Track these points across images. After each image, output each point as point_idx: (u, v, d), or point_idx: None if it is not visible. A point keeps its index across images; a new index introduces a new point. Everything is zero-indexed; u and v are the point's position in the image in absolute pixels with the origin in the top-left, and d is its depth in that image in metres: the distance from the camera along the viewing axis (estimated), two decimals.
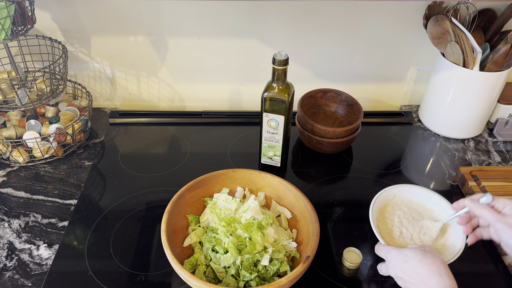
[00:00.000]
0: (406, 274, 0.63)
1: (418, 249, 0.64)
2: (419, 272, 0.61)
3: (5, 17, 0.85)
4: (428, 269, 0.61)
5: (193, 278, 0.64)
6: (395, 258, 0.66)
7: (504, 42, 0.97)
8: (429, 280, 0.60)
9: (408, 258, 0.64)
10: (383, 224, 0.80)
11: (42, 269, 0.77)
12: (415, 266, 0.62)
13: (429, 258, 0.62)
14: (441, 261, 0.62)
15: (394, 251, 0.67)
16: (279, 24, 1.07)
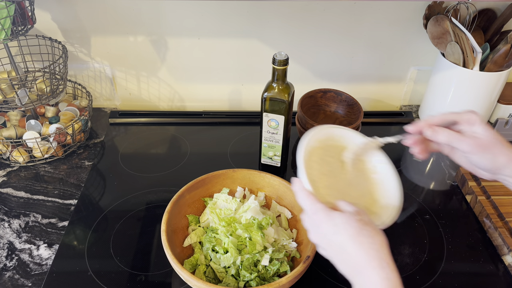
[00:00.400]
0: (333, 249, 0.52)
1: (353, 218, 0.51)
2: (352, 255, 0.49)
3: (5, 17, 0.85)
4: (364, 254, 0.48)
5: (193, 278, 0.64)
6: (323, 224, 0.52)
7: (504, 42, 0.97)
8: (366, 271, 0.48)
9: (338, 230, 0.51)
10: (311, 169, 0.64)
11: (42, 269, 0.77)
12: (347, 246, 0.50)
13: (366, 236, 0.50)
14: (380, 243, 0.49)
15: (322, 213, 0.53)
16: (279, 24, 1.07)
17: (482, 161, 0.57)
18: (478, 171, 0.60)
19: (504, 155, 0.55)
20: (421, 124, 0.60)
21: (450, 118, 0.59)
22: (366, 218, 0.52)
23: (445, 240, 0.84)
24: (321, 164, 0.64)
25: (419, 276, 0.78)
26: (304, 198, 0.55)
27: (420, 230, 0.86)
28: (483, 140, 0.56)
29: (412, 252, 0.82)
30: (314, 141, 0.64)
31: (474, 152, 0.56)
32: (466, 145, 0.57)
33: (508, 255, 0.80)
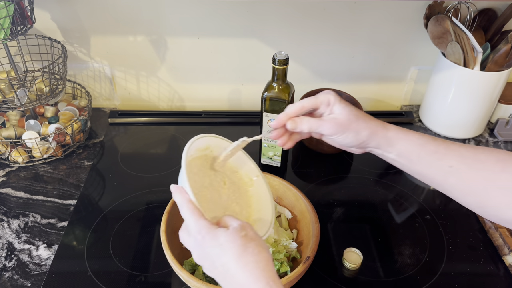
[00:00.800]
0: (218, 271, 0.49)
1: (237, 236, 0.48)
2: (236, 277, 0.46)
3: (4, 16, 0.85)
4: (249, 275, 0.46)
5: (192, 279, 0.64)
6: (207, 244, 0.49)
7: (505, 42, 0.97)
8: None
9: (222, 250, 0.48)
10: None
11: (42, 269, 0.76)
12: (231, 267, 0.47)
13: (251, 254, 0.47)
14: (266, 261, 0.47)
15: (206, 231, 0.49)
16: (279, 24, 1.07)
17: (347, 139, 0.57)
18: (349, 149, 0.61)
19: (365, 128, 0.56)
20: (282, 118, 0.59)
21: (308, 104, 0.59)
22: (251, 233, 0.50)
23: (445, 241, 0.84)
24: (201, 176, 0.62)
25: (419, 276, 0.77)
26: (189, 213, 0.51)
27: (420, 230, 0.86)
28: (342, 120, 0.57)
29: (412, 252, 0.81)
30: (194, 150, 0.61)
31: (336, 133, 0.57)
32: (327, 128, 0.57)
33: (509, 255, 0.80)
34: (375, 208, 0.91)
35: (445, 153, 0.54)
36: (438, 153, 0.55)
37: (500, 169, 0.51)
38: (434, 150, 0.55)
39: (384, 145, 0.57)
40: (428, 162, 0.55)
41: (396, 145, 0.57)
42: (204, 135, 0.63)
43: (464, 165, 0.53)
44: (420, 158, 0.56)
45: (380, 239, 0.84)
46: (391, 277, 0.77)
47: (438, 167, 0.55)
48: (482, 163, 0.52)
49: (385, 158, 0.60)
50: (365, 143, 0.58)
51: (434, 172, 0.55)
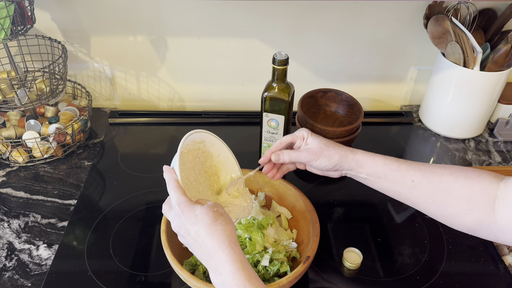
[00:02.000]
0: (191, 237, 0.57)
1: (210, 210, 0.57)
2: (205, 241, 0.55)
3: (5, 17, 0.85)
4: (216, 239, 0.54)
5: (193, 279, 0.64)
6: (184, 214, 0.57)
7: (505, 42, 0.97)
8: (216, 253, 0.54)
9: (197, 220, 0.56)
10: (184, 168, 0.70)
11: (42, 269, 0.77)
12: (202, 234, 0.55)
13: (219, 225, 0.55)
14: (230, 231, 0.56)
15: (185, 206, 0.58)
16: (279, 24, 1.07)
17: (322, 164, 0.68)
18: (328, 173, 0.71)
19: (335, 154, 0.67)
20: (266, 154, 0.72)
21: (286, 139, 0.72)
22: (221, 210, 0.59)
23: (445, 240, 0.84)
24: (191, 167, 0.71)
25: (419, 276, 0.77)
26: (173, 189, 0.60)
27: (420, 230, 0.86)
28: (315, 148, 0.68)
29: (412, 252, 0.82)
30: (191, 141, 0.70)
31: (312, 159, 0.68)
32: (304, 156, 0.69)
33: (509, 255, 0.80)
34: (375, 208, 0.91)
35: (406, 169, 0.63)
36: (400, 171, 0.64)
37: (454, 180, 0.59)
38: (397, 169, 0.64)
39: (355, 166, 0.67)
40: (393, 179, 0.64)
41: (364, 166, 0.66)
42: (202, 130, 0.71)
43: (424, 178, 0.62)
44: (386, 175, 0.65)
45: (380, 239, 0.84)
46: (391, 277, 0.77)
47: (402, 182, 0.63)
48: (438, 175, 0.61)
49: (359, 179, 0.69)
50: (338, 165, 0.68)
51: (399, 187, 0.64)
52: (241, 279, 0.52)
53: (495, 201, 0.56)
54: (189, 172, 0.70)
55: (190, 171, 0.70)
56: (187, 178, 0.69)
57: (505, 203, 0.55)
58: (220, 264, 0.53)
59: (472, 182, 0.58)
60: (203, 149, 0.73)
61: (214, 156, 0.75)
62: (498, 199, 0.55)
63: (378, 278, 0.77)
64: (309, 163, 0.69)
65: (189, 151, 0.71)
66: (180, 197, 0.59)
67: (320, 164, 0.68)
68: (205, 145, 0.73)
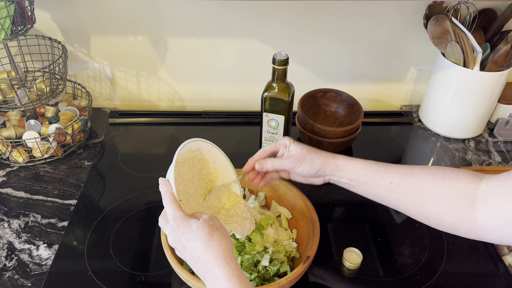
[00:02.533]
0: (187, 252, 0.57)
1: (206, 225, 0.57)
2: (202, 256, 0.55)
3: (5, 17, 0.85)
4: (212, 255, 0.55)
5: (193, 279, 0.64)
6: (180, 230, 0.57)
7: (505, 42, 0.97)
8: (213, 268, 0.54)
9: (193, 235, 0.56)
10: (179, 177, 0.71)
11: (42, 269, 0.77)
12: (198, 249, 0.56)
13: (215, 240, 0.56)
14: (226, 245, 0.56)
15: (181, 221, 0.58)
16: (279, 24, 1.07)
17: (305, 169, 0.69)
18: (311, 180, 0.72)
19: (317, 159, 0.68)
20: (250, 162, 0.72)
21: (269, 148, 0.73)
22: (217, 224, 0.59)
23: (445, 240, 0.84)
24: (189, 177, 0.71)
25: (419, 276, 0.77)
26: (169, 203, 0.60)
27: (420, 230, 0.86)
28: (297, 155, 0.69)
29: (412, 252, 0.82)
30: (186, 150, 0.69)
31: (295, 166, 0.69)
32: (287, 163, 0.69)
33: (508, 255, 0.80)
34: (375, 208, 0.91)
35: (385, 172, 0.64)
36: (379, 173, 0.65)
37: (431, 180, 0.60)
38: (376, 171, 0.65)
39: (336, 171, 0.68)
40: (373, 181, 0.65)
41: (345, 171, 0.67)
42: (197, 139, 0.70)
43: (402, 180, 0.62)
44: (366, 179, 0.65)
45: (380, 239, 0.84)
46: (391, 277, 0.77)
47: (381, 185, 0.64)
48: (416, 177, 0.62)
49: (341, 184, 0.70)
50: (321, 171, 0.68)
51: (379, 190, 0.65)
52: None
53: (475, 200, 0.56)
54: (187, 185, 0.70)
55: (188, 183, 0.70)
56: (185, 191, 0.69)
57: (487, 202, 0.55)
58: (217, 280, 0.54)
59: (450, 182, 0.59)
60: (199, 157, 0.74)
61: (210, 163, 0.75)
62: (478, 198, 0.56)
63: (378, 278, 0.77)
64: (292, 169, 0.70)
65: (184, 161, 0.71)
66: (175, 212, 0.59)
67: (303, 170, 0.69)
68: (201, 152, 0.73)
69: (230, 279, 0.53)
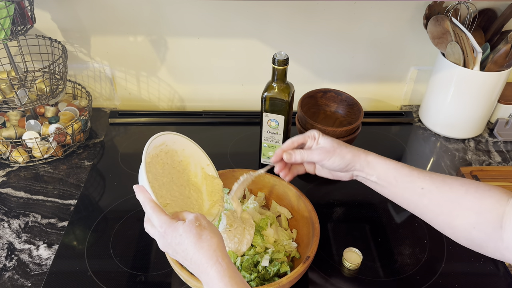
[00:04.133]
0: (180, 256, 0.58)
1: (193, 226, 0.57)
2: (194, 258, 0.56)
3: (5, 17, 0.85)
4: (204, 256, 0.55)
5: (193, 279, 0.64)
6: (168, 235, 0.58)
7: (505, 42, 0.97)
8: (206, 269, 0.55)
9: (182, 240, 0.57)
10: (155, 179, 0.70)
11: (42, 269, 0.77)
12: (190, 252, 0.56)
13: (205, 240, 0.56)
14: (217, 244, 0.56)
15: (168, 226, 0.58)
16: (279, 24, 1.07)
17: (335, 163, 0.66)
18: (338, 175, 0.70)
19: (348, 152, 0.66)
20: (278, 152, 0.70)
21: (297, 139, 0.70)
22: (204, 223, 0.59)
23: (445, 240, 0.84)
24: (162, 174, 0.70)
25: (419, 276, 0.77)
26: (151, 211, 0.60)
27: (420, 230, 0.86)
28: (327, 147, 0.67)
29: (412, 252, 0.82)
30: (152, 148, 0.68)
31: (324, 158, 0.67)
32: (316, 155, 0.67)
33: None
34: (375, 208, 0.91)
35: (417, 176, 0.62)
36: (411, 176, 0.62)
37: (464, 191, 0.58)
38: (408, 174, 0.63)
39: (366, 168, 0.66)
40: (403, 184, 0.63)
41: (376, 168, 0.65)
42: (160, 133, 0.70)
43: (434, 187, 0.60)
44: (396, 180, 0.63)
45: (380, 239, 0.84)
46: (391, 277, 0.77)
47: (412, 188, 0.62)
48: (449, 185, 0.59)
49: (369, 183, 0.68)
50: (351, 165, 0.66)
51: (409, 194, 0.63)
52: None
53: (503, 217, 0.54)
54: (170, 187, 0.69)
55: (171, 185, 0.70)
56: (171, 194, 0.69)
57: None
58: (210, 280, 0.55)
59: (482, 195, 0.57)
60: (165, 150, 0.73)
61: (178, 151, 0.74)
62: (506, 215, 0.54)
63: (378, 278, 0.77)
64: (321, 162, 0.67)
65: (153, 158, 0.70)
66: (160, 217, 0.58)
67: (333, 163, 0.66)
68: (166, 145, 0.72)
69: (222, 279, 0.54)
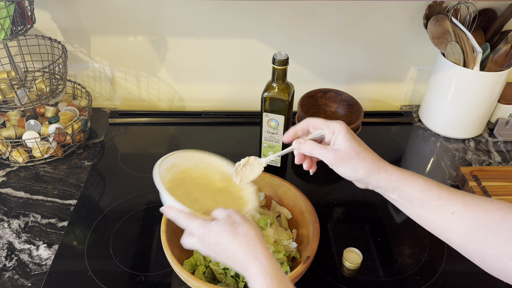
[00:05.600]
0: (221, 256, 0.58)
1: (227, 223, 0.57)
2: (235, 256, 0.56)
3: (5, 17, 0.85)
4: (243, 252, 0.55)
5: (193, 279, 0.64)
6: (206, 237, 0.58)
7: (505, 42, 0.97)
8: (247, 266, 0.54)
9: (219, 240, 0.57)
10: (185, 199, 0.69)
11: (42, 269, 0.76)
12: (229, 250, 0.56)
13: (242, 236, 0.56)
14: (254, 238, 0.56)
15: (203, 228, 0.58)
16: (279, 24, 1.07)
17: (345, 173, 0.59)
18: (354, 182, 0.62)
19: (363, 167, 0.58)
20: (290, 132, 0.64)
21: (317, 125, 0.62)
22: (238, 218, 0.58)
23: None
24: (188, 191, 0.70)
25: (419, 276, 0.77)
26: (184, 220, 0.60)
27: (420, 230, 0.86)
28: (342, 153, 0.58)
29: (412, 252, 0.82)
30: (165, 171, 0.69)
31: (335, 163, 0.59)
32: (327, 157, 0.59)
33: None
34: (375, 208, 0.91)
35: (448, 199, 0.55)
36: (441, 200, 0.55)
37: (502, 218, 0.51)
38: (437, 197, 0.55)
39: (385, 186, 0.58)
40: (431, 207, 0.56)
41: (398, 189, 0.57)
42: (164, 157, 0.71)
43: (467, 212, 0.53)
44: (422, 202, 0.56)
45: (380, 239, 0.84)
46: (391, 277, 0.77)
47: (440, 213, 0.55)
48: (484, 210, 0.52)
49: (387, 197, 0.61)
50: (364, 180, 0.59)
51: (436, 217, 0.56)
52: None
53: None
54: (202, 200, 0.69)
55: (202, 198, 0.70)
56: (205, 205, 0.68)
57: None
58: (252, 278, 0.54)
59: None
60: (180, 170, 0.72)
61: (192, 167, 0.74)
62: None
63: (378, 278, 0.77)
64: (331, 166, 0.60)
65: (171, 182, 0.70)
66: (194, 222, 0.59)
67: (343, 172, 0.60)
68: (178, 166, 0.72)
69: (264, 278, 0.53)
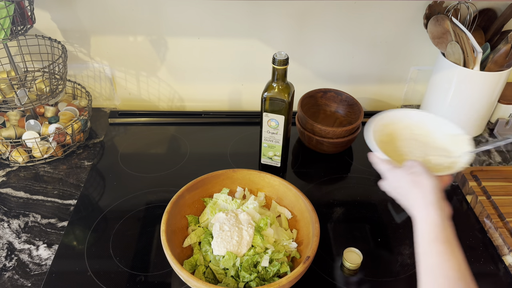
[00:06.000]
0: (401, 196, 0.69)
1: (407, 173, 0.68)
2: (410, 200, 0.66)
3: (5, 17, 0.85)
4: (415, 199, 0.65)
5: (192, 279, 0.64)
6: (389, 179, 0.72)
7: (505, 42, 0.97)
8: (416, 209, 0.64)
9: (400, 183, 0.69)
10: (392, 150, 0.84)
11: (42, 269, 0.76)
12: (407, 194, 0.67)
13: (417, 186, 0.66)
14: (430, 189, 0.64)
15: (389, 173, 0.72)
16: (279, 24, 1.07)
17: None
18: None
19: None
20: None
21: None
22: (419, 169, 0.68)
23: None
24: (402, 145, 0.84)
25: None
26: (379, 164, 0.75)
27: None
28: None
29: (412, 252, 0.81)
30: (379, 125, 0.83)
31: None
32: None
33: (509, 255, 0.80)
34: (375, 208, 0.91)
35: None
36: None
37: None
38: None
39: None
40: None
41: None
42: (384, 112, 0.85)
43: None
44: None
45: (380, 239, 0.84)
46: (391, 277, 0.77)
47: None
48: None
49: None
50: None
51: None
52: (428, 239, 0.60)
53: None
54: (415, 154, 0.82)
55: (415, 152, 0.83)
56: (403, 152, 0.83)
57: None
58: (417, 221, 0.63)
59: None
60: (401, 126, 0.86)
61: (413, 125, 0.86)
62: None
63: (378, 278, 0.77)
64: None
65: (386, 136, 0.85)
66: (385, 166, 0.73)
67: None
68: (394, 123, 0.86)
69: (424, 225, 0.61)
